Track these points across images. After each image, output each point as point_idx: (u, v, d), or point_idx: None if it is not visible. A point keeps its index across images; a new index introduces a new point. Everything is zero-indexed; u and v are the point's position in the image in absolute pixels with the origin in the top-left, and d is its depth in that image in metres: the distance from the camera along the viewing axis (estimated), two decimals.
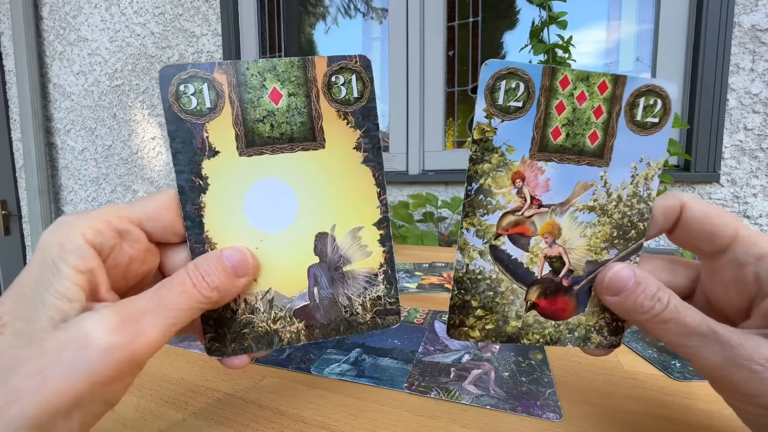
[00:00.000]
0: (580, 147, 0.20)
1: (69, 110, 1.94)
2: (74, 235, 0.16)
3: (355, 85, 0.20)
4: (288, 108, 0.19)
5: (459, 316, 0.21)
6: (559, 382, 0.27)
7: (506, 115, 0.20)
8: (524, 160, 0.20)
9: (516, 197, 0.20)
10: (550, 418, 0.23)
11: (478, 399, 0.25)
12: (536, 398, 0.25)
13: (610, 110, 0.21)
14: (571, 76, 0.20)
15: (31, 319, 0.15)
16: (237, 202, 0.18)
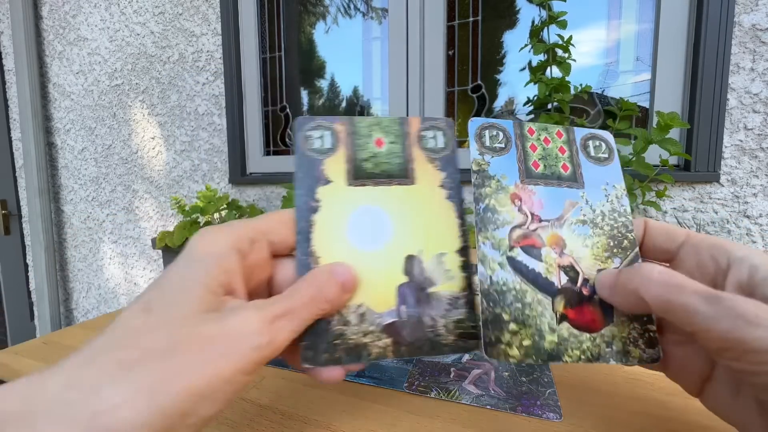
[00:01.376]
0: (557, 174, 0.25)
1: (69, 110, 1.94)
2: (222, 238, 0.18)
3: (440, 139, 0.25)
4: (388, 152, 0.23)
5: (494, 332, 0.20)
6: (558, 382, 0.27)
7: (494, 153, 0.25)
8: (517, 185, 0.24)
9: (518, 214, 0.23)
10: (550, 418, 0.23)
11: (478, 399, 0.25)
12: (536, 398, 0.25)
13: (570, 149, 0.26)
14: (534, 127, 0.26)
15: (176, 306, 0.16)
16: (342, 223, 0.21)
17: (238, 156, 1.58)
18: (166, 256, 1.45)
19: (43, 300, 2.00)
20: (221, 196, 1.46)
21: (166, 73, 1.68)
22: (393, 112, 1.35)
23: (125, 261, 1.91)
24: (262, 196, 1.58)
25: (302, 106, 1.57)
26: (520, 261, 0.22)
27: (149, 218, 1.81)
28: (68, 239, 2.07)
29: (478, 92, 1.28)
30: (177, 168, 1.72)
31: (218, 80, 1.58)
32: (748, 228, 1.00)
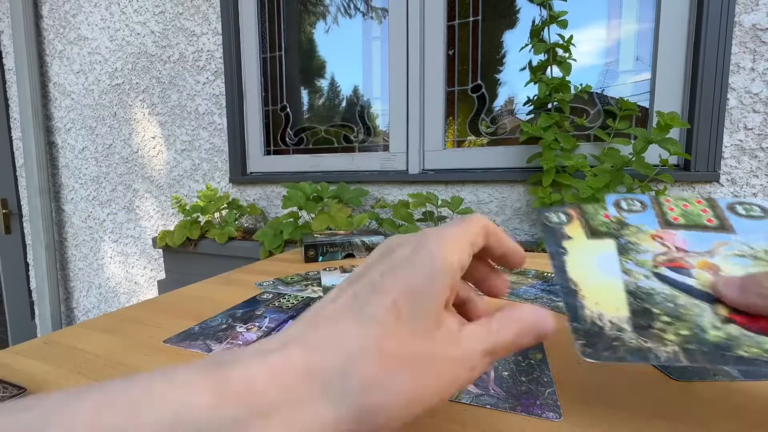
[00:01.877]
0: (702, 225, 0.26)
1: (69, 109, 1.94)
2: (458, 254, 0.18)
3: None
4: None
5: (643, 319, 0.21)
6: (558, 382, 0.27)
7: (631, 213, 0.28)
8: (657, 230, 0.26)
9: (661, 246, 0.25)
10: (550, 418, 0.23)
11: (477, 398, 0.25)
12: (536, 397, 0.25)
13: (713, 209, 0.27)
14: (670, 197, 0.29)
15: (420, 317, 0.16)
16: (590, 260, 0.26)
17: (238, 155, 1.58)
18: (167, 255, 1.46)
19: (43, 299, 2.00)
20: (222, 196, 1.46)
21: (166, 73, 1.68)
22: (393, 111, 1.35)
23: (126, 260, 1.92)
24: (262, 196, 1.58)
25: (302, 106, 1.57)
26: (668, 276, 0.23)
27: (150, 217, 1.82)
28: (69, 238, 2.07)
29: (478, 92, 1.28)
30: (177, 167, 1.72)
31: (219, 80, 1.58)
32: None
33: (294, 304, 0.45)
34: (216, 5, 1.54)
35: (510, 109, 1.26)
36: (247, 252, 1.26)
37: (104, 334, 0.37)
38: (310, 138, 1.55)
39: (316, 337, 0.16)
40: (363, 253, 0.71)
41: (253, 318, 0.40)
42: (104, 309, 2.03)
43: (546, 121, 1.05)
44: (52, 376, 0.30)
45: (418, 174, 1.32)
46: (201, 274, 1.33)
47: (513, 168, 1.21)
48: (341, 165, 1.46)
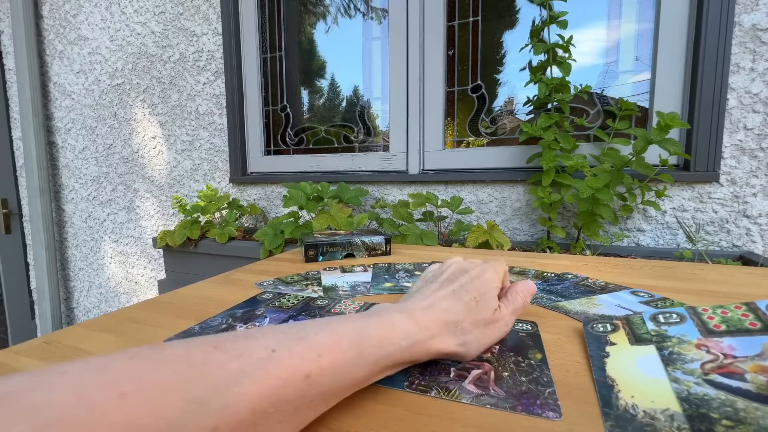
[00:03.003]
0: (745, 330, 0.26)
1: (69, 109, 1.94)
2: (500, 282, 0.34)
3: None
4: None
5: (702, 424, 0.21)
6: (558, 381, 0.27)
7: (669, 325, 0.29)
8: (699, 339, 0.27)
9: (707, 354, 0.25)
10: (550, 417, 0.23)
11: (477, 398, 0.25)
12: (536, 397, 0.25)
13: (755, 313, 0.27)
14: (707, 306, 0.30)
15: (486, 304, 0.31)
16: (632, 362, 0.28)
17: (238, 155, 1.58)
18: (167, 255, 1.46)
19: (43, 299, 2.00)
20: (222, 196, 1.46)
21: (166, 73, 1.68)
22: (393, 111, 1.35)
23: (126, 260, 1.92)
24: (262, 196, 1.58)
25: (303, 106, 1.57)
26: (721, 382, 0.23)
27: (150, 217, 1.82)
28: (69, 238, 2.07)
29: (478, 92, 1.28)
30: (178, 167, 1.72)
31: (219, 80, 1.58)
32: (747, 228, 1.00)
33: (294, 303, 0.45)
34: (216, 5, 1.54)
35: (510, 109, 1.26)
36: (247, 252, 1.26)
37: (104, 334, 0.37)
38: (310, 138, 1.55)
39: (441, 306, 0.30)
40: (363, 253, 0.71)
41: (254, 318, 0.40)
42: (104, 309, 2.03)
43: (546, 121, 1.05)
44: None
45: (418, 174, 1.32)
46: (201, 274, 1.33)
47: (513, 168, 1.21)
48: (341, 165, 1.46)
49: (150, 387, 0.16)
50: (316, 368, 0.21)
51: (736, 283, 0.50)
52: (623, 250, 1.06)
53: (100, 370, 0.17)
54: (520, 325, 0.37)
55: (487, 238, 1.02)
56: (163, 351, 0.19)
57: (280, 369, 0.20)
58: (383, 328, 0.25)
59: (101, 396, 0.15)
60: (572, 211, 1.15)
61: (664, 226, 1.07)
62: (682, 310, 0.31)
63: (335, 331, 0.23)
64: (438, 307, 0.29)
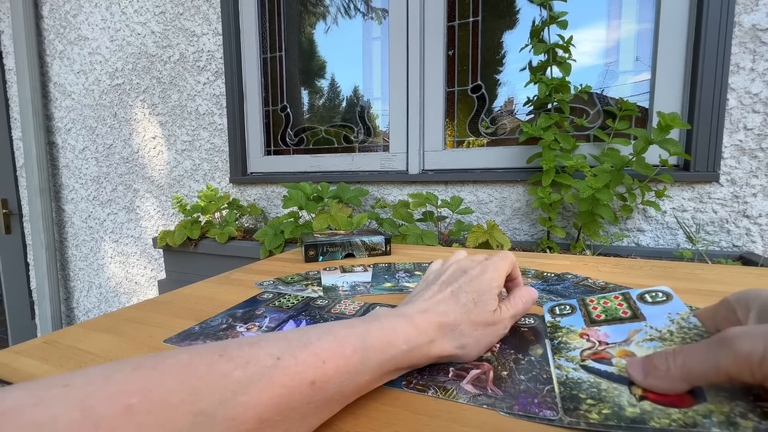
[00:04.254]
0: (619, 317, 0.31)
1: (69, 109, 1.95)
2: (501, 280, 0.34)
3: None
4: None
5: (571, 404, 0.24)
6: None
7: (563, 317, 0.34)
8: (584, 329, 0.32)
9: (587, 342, 0.30)
10: (548, 416, 0.23)
11: (474, 398, 0.25)
12: (534, 396, 0.25)
13: (627, 302, 0.33)
14: (593, 297, 0.35)
15: (485, 306, 0.31)
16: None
17: (238, 155, 1.58)
18: (167, 255, 1.46)
19: (43, 299, 2.00)
20: (222, 196, 1.46)
21: (167, 73, 1.68)
22: (393, 111, 1.35)
23: (126, 260, 1.92)
24: (262, 196, 1.58)
25: (303, 106, 1.57)
26: (593, 366, 0.27)
27: (150, 217, 1.82)
28: (69, 238, 2.07)
29: (478, 92, 1.28)
30: (178, 167, 1.72)
31: (219, 80, 1.58)
32: (747, 228, 1.00)
33: (294, 303, 0.45)
34: (216, 5, 1.54)
35: (510, 110, 1.26)
36: (247, 252, 1.26)
37: (104, 334, 0.37)
38: (310, 138, 1.55)
39: (438, 309, 0.29)
40: (363, 253, 0.71)
41: (254, 318, 0.41)
42: (104, 309, 2.03)
43: (546, 122, 1.05)
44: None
45: (418, 174, 1.32)
46: (201, 274, 1.33)
47: (513, 168, 1.21)
48: (341, 165, 1.46)
49: (156, 399, 0.16)
50: (321, 375, 0.21)
51: (736, 283, 0.50)
52: (623, 250, 1.06)
53: (104, 382, 0.16)
54: (524, 320, 0.37)
55: (487, 238, 1.02)
56: (167, 360, 0.19)
57: (286, 376, 0.20)
58: (385, 333, 0.25)
59: (107, 410, 0.15)
60: (572, 211, 1.15)
61: (664, 226, 1.07)
62: (573, 302, 0.36)
63: (338, 337, 0.23)
64: (435, 311, 0.29)
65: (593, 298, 0.35)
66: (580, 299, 0.35)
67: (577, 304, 0.35)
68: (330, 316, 0.40)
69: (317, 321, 0.39)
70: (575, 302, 0.35)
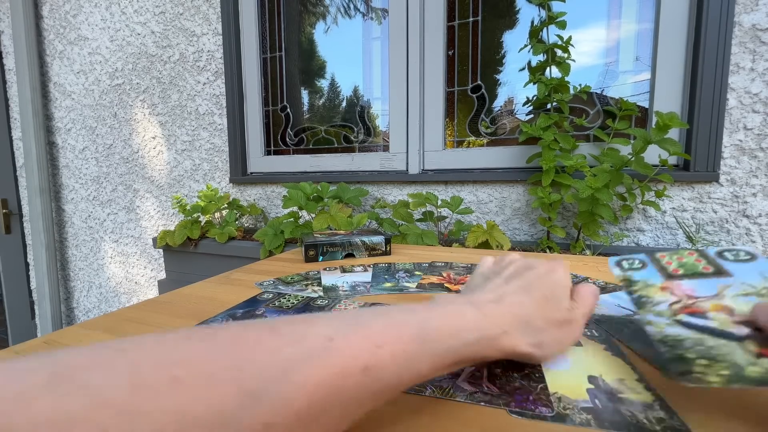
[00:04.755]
0: (700, 273, 0.29)
1: (69, 109, 1.95)
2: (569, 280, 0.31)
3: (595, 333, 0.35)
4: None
5: (682, 367, 0.22)
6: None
7: (633, 271, 0.32)
8: (663, 284, 0.29)
9: (672, 296, 0.27)
10: (543, 413, 0.24)
11: (471, 396, 0.25)
12: (528, 393, 0.26)
13: (705, 258, 0.30)
14: (664, 253, 0.32)
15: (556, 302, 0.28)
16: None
17: (238, 155, 1.58)
18: (167, 255, 1.46)
19: (44, 299, 2.00)
20: (222, 196, 1.46)
21: (166, 73, 1.68)
22: (393, 111, 1.35)
23: (126, 260, 1.92)
24: (262, 196, 1.58)
25: (303, 106, 1.57)
26: (689, 321, 0.25)
27: (150, 217, 1.82)
28: (69, 238, 2.07)
29: (477, 92, 1.28)
30: (178, 167, 1.72)
31: (219, 80, 1.58)
32: (747, 228, 1.00)
33: (294, 303, 0.45)
34: (216, 5, 1.54)
35: (509, 110, 1.26)
36: (247, 252, 1.26)
37: (104, 334, 0.37)
38: (310, 138, 1.55)
39: (511, 300, 0.27)
40: (363, 253, 0.71)
41: (254, 318, 0.41)
42: (104, 309, 2.03)
43: (545, 122, 1.06)
44: None
45: (418, 174, 1.32)
46: (201, 274, 1.33)
47: (512, 168, 1.21)
48: (341, 165, 1.46)
49: (202, 372, 0.16)
50: (375, 360, 0.19)
51: None
52: (623, 250, 1.06)
53: (155, 350, 0.16)
54: None
55: (487, 238, 1.02)
56: (219, 333, 0.18)
57: (339, 359, 0.18)
58: (449, 320, 0.24)
59: (154, 379, 0.15)
60: (572, 211, 1.15)
61: (664, 226, 1.07)
62: (643, 257, 0.33)
63: (395, 321, 0.22)
64: (508, 301, 0.27)
65: (664, 253, 0.32)
66: (648, 254, 0.33)
67: (647, 258, 0.32)
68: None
69: None
70: (645, 257, 0.33)
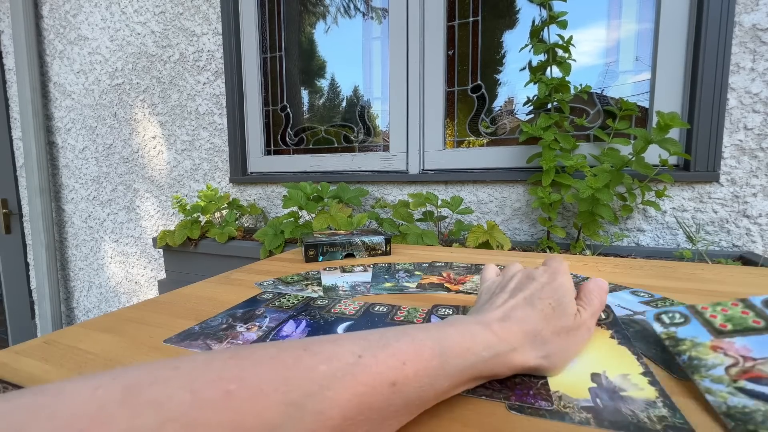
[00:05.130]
0: (751, 327, 0.27)
1: (69, 109, 1.94)
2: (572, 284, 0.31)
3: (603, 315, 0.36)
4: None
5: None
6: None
7: (677, 326, 0.29)
8: (712, 341, 0.27)
9: (726, 357, 0.25)
10: (542, 406, 0.24)
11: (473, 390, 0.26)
12: (529, 388, 0.26)
13: (752, 310, 0.28)
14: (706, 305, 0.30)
15: (563, 311, 0.29)
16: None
17: (238, 155, 1.58)
18: (167, 255, 1.46)
19: (44, 299, 2.00)
20: (222, 196, 1.46)
21: (166, 73, 1.68)
22: (393, 111, 1.35)
23: (126, 260, 1.92)
24: (262, 196, 1.58)
25: (303, 106, 1.57)
26: (753, 389, 0.22)
27: (150, 217, 1.82)
28: (69, 238, 2.07)
29: (478, 92, 1.28)
30: (178, 167, 1.72)
31: (219, 80, 1.58)
32: (747, 228, 1.00)
33: (294, 303, 0.45)
34: (216, 5, 1.54)
35: (510, 109, 1.26)
36: (247, 252, 1.26)
37: (104, 334, 0.37)
38: (310, 138, 1.55)
39: (517, 316, 0.28)
40: (363, 253, 0.71)
41: (254, 318, 0.41)
42: (104, 309, 2.03)
43: (546, 121, 1.05)
44: (52, 375, 0.30)
45: (418, 174, 1.32)
46: (201, 274, 1.33)
47: (513, 168, 1.21)
48: (341, 165, 1.46)
49: (251, 386, 0.17)
50: (402, 377, 0.21)
51: (736, 283, 0.50)
52: (623, 250, 1.06)
53: (206, 368, 0.18)
54: None
55: (487, 238, 1.02)
56: (258, 351, 0.20)
57: (368, 375, 0.20)
58: (463, 339, 0.24)
59: (211, 393, 0.16)
60: (572, 211, 1.15)
61: (664, 226, 1.07)
62: (684, 309, 0.30)
63: (415, 339, 0.23)
64: (513, 318, 0.28)
65: (706, 305, 0.30)
66: (689, 306, 0.30)
67: (689, 312, 0.30)
68: (330, 316, 0.40)
69: (317, 321, 0.39)
70: (686, 310, 0.30)
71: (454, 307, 0.43)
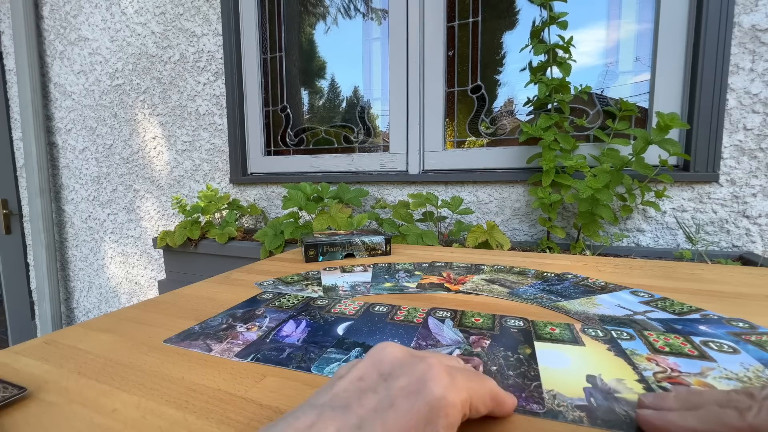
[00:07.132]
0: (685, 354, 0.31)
1: (70, 109, 1.95)
2: (457, 411, 0.20)
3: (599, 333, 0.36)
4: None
5: None
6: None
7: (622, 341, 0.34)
8: (648, 355, 0.31)
9: (657, 367, 0.29)
10: (534, 409, 0.24)
11: None
12: (522, 390, 0.26)
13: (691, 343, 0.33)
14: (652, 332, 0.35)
15: None
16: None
17: (239, 156, 1.58)
18: (167, 255, 1.46)
19: (43, 299, 2.00)
20: (222, 196, 1.46)
21: (167, 73, 1.68)
22: (393, 111, 1.35)
23: (126, 260, 1.92)
24: (262, 196, 1.58)
25: (303, 107, 1.57)
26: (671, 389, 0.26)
27: (150, 218, 1.82)
28: (69, 239, 2.07)
29: (477, 92, 1.28)
30: (178, 168, 1.72)
31: (219, 80, 1.58)
32: (747, 228, 1.00)
33: (294, 303, 0.45)
34: (216, 6, 1.54)
35: (510, 110, 1.26)
36: (247, 252, 1.26)
37: (104, 334, 0.37)
38: (310, 138, 1.55)
39: None
40: (363, 253, 0.71)
41: (254, 318, 0.41)
42: (104, 309, 2.03)
43: (546, 122, 1.05)
44: (52, 376, 0.30)
45: (418, 174, 1.32)
46: (201, 274, 1.33)
47: (513, 168, 1.21)
48: (341, 165, 1.46)
49: None
50: None
51: (736, 283, 0.50)
52: (623, 251, 1.06)
53: None
54: (512, 322, 0.38)
55: (487, 238, 1.02)
56: None
57: None
58: None
59: None
60: (572, 212, 1.15)
61: (664, 227, 1.07)
62: (630, 330, 0.36)
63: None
64: None
65: (650, 332, 0.35)
66: (637, 329, 0.36)
67: (635, 333, 0.35)
68: (330, 316, 0.40)
69: (317, 321, 0.39)
70: (632, 331, 0.35)
71: (452, 310, 0.43)
